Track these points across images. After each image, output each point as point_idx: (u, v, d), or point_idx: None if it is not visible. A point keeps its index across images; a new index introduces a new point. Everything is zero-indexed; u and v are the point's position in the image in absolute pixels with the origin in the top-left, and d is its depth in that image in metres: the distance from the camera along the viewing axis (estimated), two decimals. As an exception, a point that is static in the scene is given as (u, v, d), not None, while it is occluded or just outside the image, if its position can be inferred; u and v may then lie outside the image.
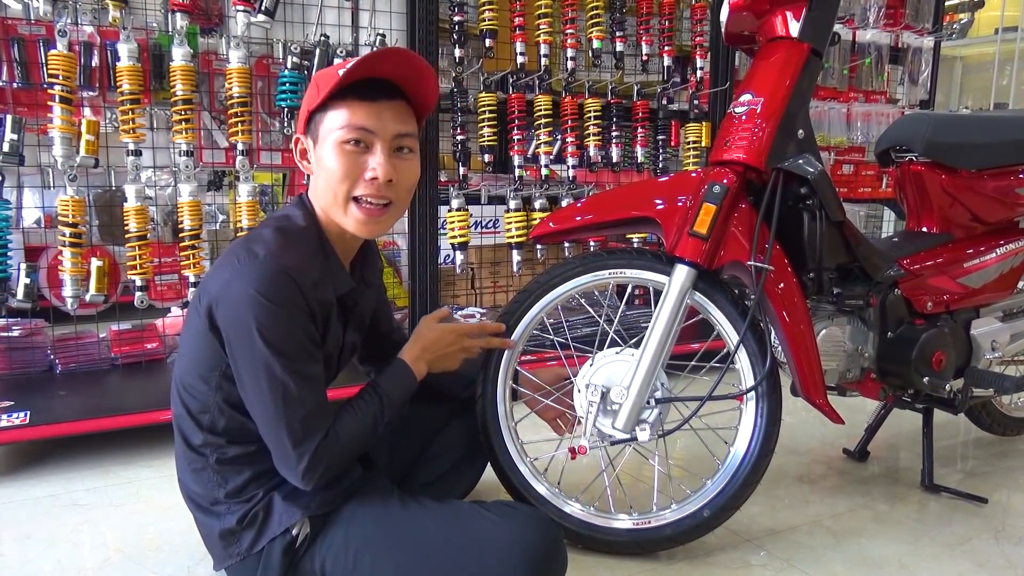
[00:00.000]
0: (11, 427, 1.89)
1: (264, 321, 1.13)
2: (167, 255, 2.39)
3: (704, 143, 3.04)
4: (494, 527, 1.22)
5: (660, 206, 1.54)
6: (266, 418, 1.17)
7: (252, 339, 1.13)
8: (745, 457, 1.57)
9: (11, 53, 2.17)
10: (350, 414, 1.26)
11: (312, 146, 1.25)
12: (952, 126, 1.85)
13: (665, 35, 2.96)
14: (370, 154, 1.21)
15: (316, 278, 1.20)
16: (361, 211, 1.23)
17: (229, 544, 1.26)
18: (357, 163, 1.20)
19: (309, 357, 1.18)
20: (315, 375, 1.20)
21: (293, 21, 2.47)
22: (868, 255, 1.68)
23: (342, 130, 1.19)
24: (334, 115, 1.20)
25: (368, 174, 1.20)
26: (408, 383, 1.37)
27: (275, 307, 1.13)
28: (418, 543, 1.22)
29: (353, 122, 1.19)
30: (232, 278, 1.15)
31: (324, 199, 1.24)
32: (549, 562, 1.23)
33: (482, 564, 1.18)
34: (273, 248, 1.17)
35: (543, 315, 1.60)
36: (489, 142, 2.68)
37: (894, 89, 3.73)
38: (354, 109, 1.19)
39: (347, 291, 1.29)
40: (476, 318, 2.74)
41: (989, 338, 1.87)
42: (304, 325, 1.17)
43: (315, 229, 1.26)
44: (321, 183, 1.23)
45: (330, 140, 1.20)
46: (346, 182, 1.20)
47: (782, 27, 1.55)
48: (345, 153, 1.20)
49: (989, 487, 1.94)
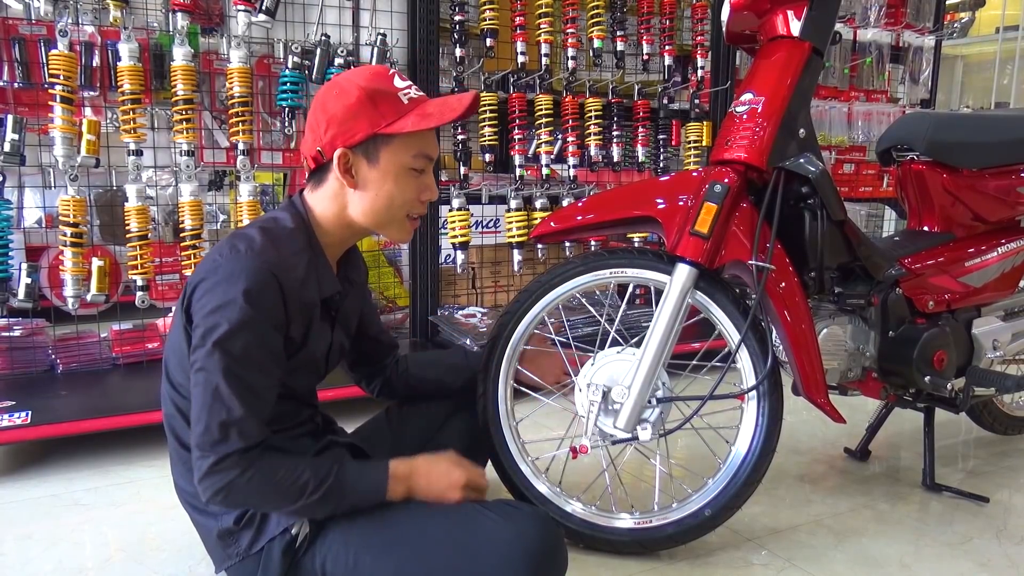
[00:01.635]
0: (12, 427, 1.89)
1: (231, 317, 1.11)
2: (168, 255, 2.40)
3: (705, 142, 3.05)
4: (495, 526, 1.21)
5: (661, 205, 1.54)
6: (195, 409, 1.13)
7: (212, 330, 1.12)
8: (747, 456, 1.56)
9: (12, 53, 2.17)
10: (287, 461, 1.16)
11: (365, 164, 1.24)
12: (953, 125, 1.85)
13: (666, 34, 2.96)
14: (425, 176, 1.29)
15: (301, 276, 1.20)
16: (410, 224, 1.32)
17: (228, 544, 1.26)
18: (417, 187, 1.28)
19: (259, 369, 1.15)
20: (257, 387, 1.14)
21: (294, 21, 2.47)
22: (869, 254, 1.67)
23: (415, 159, 1.25)
24: (405, 144, 1.24)
25: (424, 195, 1.29)
26: (372, 490, 1.22)
27: (246, 307, 1.11)
28: (418, 542, 1.21)
29: (426, 153, 1.26)
30: (213, 269, 1.15)
31: (376, 216, 1.27)
32: (550, 561, 1.22)
33: (483, 563, 1.18)
34: (257, 246, 1.16)
35: (544, 314, 1.60)
36: (490, 142, 2.68)
37: (895, 88, 3.73)
38: (424, 140, 1.26)
39: (333, 293, 1.29)
40: (477, 318, 2.74)
41: (990, 337, 1.87)
42: (268, 335, 1.15)
43: (305, 232, 1.26)
44: (377, 202, 1.26)
45: (399, 166, 1.24)
46: (407, 205, 1.28)
47: (783, 26, 1.55)
48: (411, 178, 1.26)
49: (991, 486, 1.94)
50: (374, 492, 1.22)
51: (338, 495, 1.19)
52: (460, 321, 2.70)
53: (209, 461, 1.11)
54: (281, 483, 1.14)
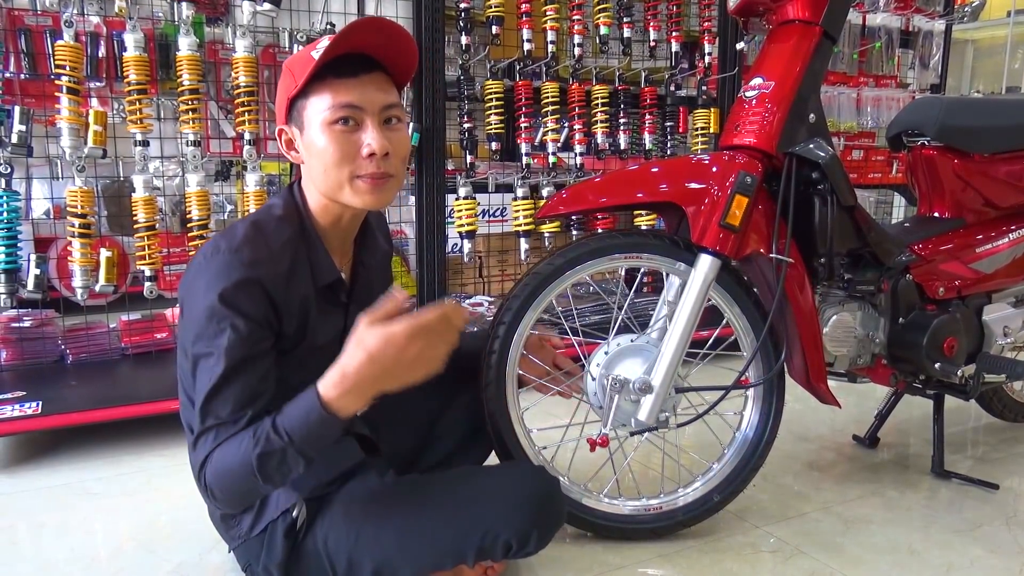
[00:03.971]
0: (23, 417, 1.90)
1: (212, 317, 1.11)
2: (176, 245, 2.40)
3: (712, 129, 3.02)
4: (492, 479, 1.28)
5: (684, 192, 1.50)
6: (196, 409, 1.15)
7: (197, 338, 1.13)
8: (756, 440, 1.58)
9: (18, 44, 2.17)
10: (235, 439, 1.09)
11: (299, 134, 1.20)
12: (965, 110, 1.83)
13: (673, 20, 2.93)
14: (361, 131, 1.16)
15: (285, 270, 1.17)
16: (364, 183, 1.18)
17: (230, 527, 1.29)
18: (351, 142, 1.16)
19: (244, 370, 1.12)
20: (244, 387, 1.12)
21: (299, 9, 2.46)
22: (879, 240, 1.66)
23: (329, 111, 1.15)
24: (317, 99, 1.16)
25: (364, 150, 1.16)
26: (312, 422, 1.05)
27: (224, 308, 1.11)
28: (418, 502, 1.24)
29: (339, 101, 1.15)
30: (195, 272, 1.16)
31: (324, 185, 1.20)
32: (548, 507, 1.27)
33: (485, 511, 1.22)
34: (236, 243, 1.15)
35: (552, 299, 1.58)
36: (496, 130, 2.66)
37: (904, 73, 3.70)
38: (337, 88, 1.15)
39: (331, 280, 1.26)
40: (484, 307, 2.74)
41: (1001, 324, 1.86)
42: (252, 333, 1.13)
43: (297, 219, 1.23)
44: (317, 170, 1.19)
45: (317, 124, 1.16)
46: (344, 163, 1.16)
47: (795, 10, 1.53)
48: (336, 134, 1.15)
49: (1000, 473, 1.93)
50: (318, 425, 1.05)
51: (281, 439, 1.06)
52: (467, 310, 2.70)
53: (196, 465, 1.13)
54: (225, 459, 1.09)
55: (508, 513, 1.21)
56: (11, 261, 2.12)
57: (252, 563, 1.28)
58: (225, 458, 1.09)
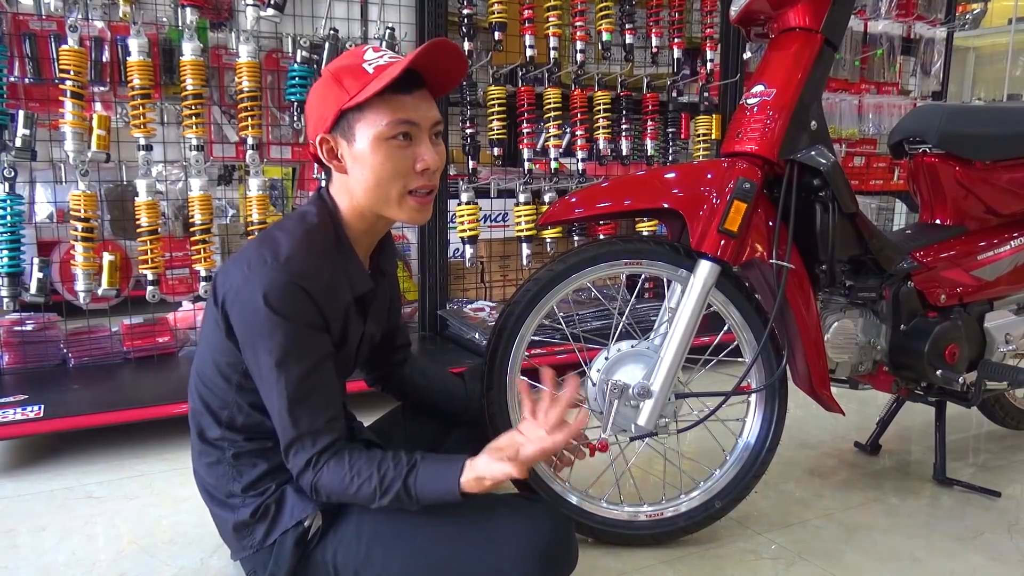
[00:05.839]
0: (25, 420, 1.90)
1: (274, 337, 1.14)
2: (178, 249, 2.41)
3: (714, 136, 3.03)
4: (505, 519, 1.22)
5: (683, 198, 1.51)
6: (274, 421, 1.19)
7: (263, 354, 1.15)
8: (758, 447, 1.57)
9: (23, 49, 2.18)
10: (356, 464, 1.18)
11: (345, 145, 1.21)
12: (967, 117, 1.84)
13: (675, 27, 2.94)
14: (415, 146, 1.20)
15: (328, 281, 1.19)
16: (415, 201, 1.22)
17: (243, 537, 1.27)
18: (405, 157, 1.19)
19: (316, 376, 1.18)
20: (319, 392, 1.19)
21: (302, 15, 2.47)
22: (881, 247, 1.66)
23: (387, 126, 1.16)
24: (375, 114, 1.17)
25: (419, 165, 1.19)
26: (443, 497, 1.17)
27: (281, 319, 1.14)
28: (429, 534, 1.22)
29: (399, 117, 1.17)
30: (243, 284, 1.16)
31: (371, 197, 1.21)
32: (561, 554, 1.23)
33: (494, 556, 1.19)
34: (284, 254, 1.16)
35: (553, 304, 1.58)
36: (498, 135, 2.67)
37: (906, 80, 3.71)
38: (394, 105, 1.17)
39: (366, 290, 1.28)
40: (485, 312, 2.74)
41: (1003, 331, 1.86)
42: (313, 340, 1.17)
43: (332, 228, 1.24)
44: (367, 182, 1.20)
45: (373, 138, 1.17)
46: (399, 178, 1.19)
47: (796, 18, 1.53)
48: (392, 149, 1.18)
49: (1002, 481, 1.93)
50: (444, 494, 1.17)
51: (411, 500, 1.17)
52: (469, 315, 2.70)
53: (296, 469, 1.18)
54: (349, 488, 1.17)
55: (519, 560, 1.18)
56: (14, 264, 2.13)
57: (258, 571, 1.27)
58: (347, 488, 1.17)
